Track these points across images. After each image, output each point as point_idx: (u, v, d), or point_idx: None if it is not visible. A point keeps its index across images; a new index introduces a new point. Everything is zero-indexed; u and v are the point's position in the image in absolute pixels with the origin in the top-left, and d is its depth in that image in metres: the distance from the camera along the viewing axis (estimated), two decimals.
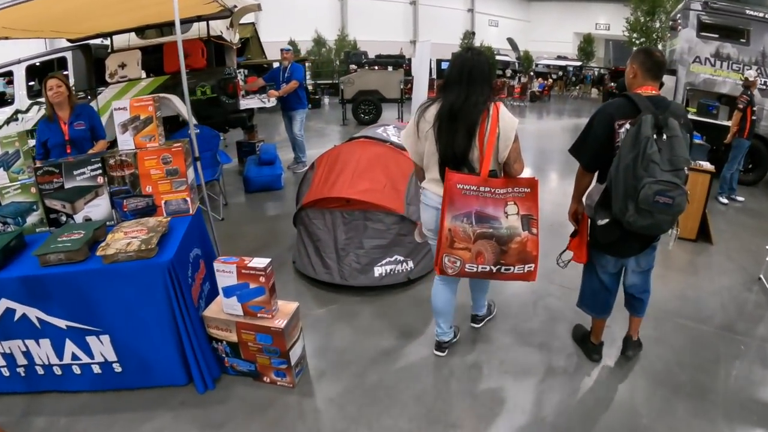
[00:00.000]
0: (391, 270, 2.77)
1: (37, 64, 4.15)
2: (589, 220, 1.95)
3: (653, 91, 1.77)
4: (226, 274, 1.97)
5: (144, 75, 4.46)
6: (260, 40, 8.42)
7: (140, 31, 4.42)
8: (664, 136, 1.61)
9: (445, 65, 17.53)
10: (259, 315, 2.00)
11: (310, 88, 14.92)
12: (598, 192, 1.82)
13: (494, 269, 1.85)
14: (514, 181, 1.84)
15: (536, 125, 11.22)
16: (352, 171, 2.85)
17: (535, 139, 9.21)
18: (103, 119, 4.22)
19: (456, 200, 1.81)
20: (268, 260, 1.94)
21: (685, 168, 1.62)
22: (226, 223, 4.04)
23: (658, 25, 13.88)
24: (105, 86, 4.20)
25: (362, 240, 2.75)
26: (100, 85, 4.19)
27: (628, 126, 1.69)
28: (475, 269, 1.85)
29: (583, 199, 1.97)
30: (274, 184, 5.02)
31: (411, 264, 2.82)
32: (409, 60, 12.61)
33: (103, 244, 1.91)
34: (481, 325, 2.47)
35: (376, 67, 10.69)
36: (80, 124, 2.83)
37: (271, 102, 4.99)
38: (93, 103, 4.19)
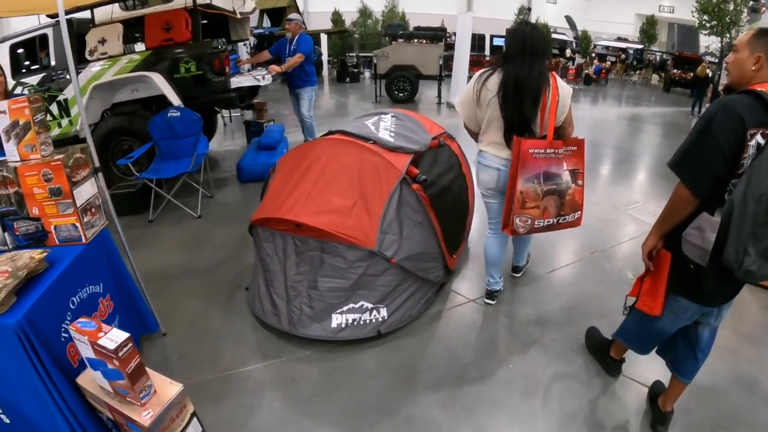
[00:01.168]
0: (354, 320, 2.11)
1: (19, 42, 3.84)
2: (670, 258, 1.50)
3: None
4: (83, 345, 1.46)
5: (128, 50, 4.03)
6: (299, 10, 7.77)
7: (124, 2, 3.96)
8: None
9: (498, 41, 16.10)
10: (127, 399, 1.48)
11: (354, 60, 14.28)
12: (713, 228, 1.34)
13: (555, 221, 2.13)
14: (567, 141, 2.06)
15: (589, 112, 9.75)
16: (313, 182, 2.18)
17: (588, 128, 7.82)
18: (83, 101, 3.89)
19: (528, 164, 1.98)
20: (124, 336, 1.37)
21: None
22: (200, 222, 3.60)
23: (732, 6, 12.42)
24: (86, 64, 3.83)
25: (317, 278, 2.11)
26: (82, 62, 3.83)
27: (760, 138, 1.27)
28: (542, 224, 2.11)
29: (686, 234, 1.43)
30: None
31: (384, 312, 2.15)
32: (453, 34, 11.44)
33: None
34: (521, 274, 2.77)
35: (414, 41, 9.66)
36: None
37: (267, 79, 4.39)
38: (72, 85, 3.84)
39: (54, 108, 3.89)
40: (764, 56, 1.33)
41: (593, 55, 17.24)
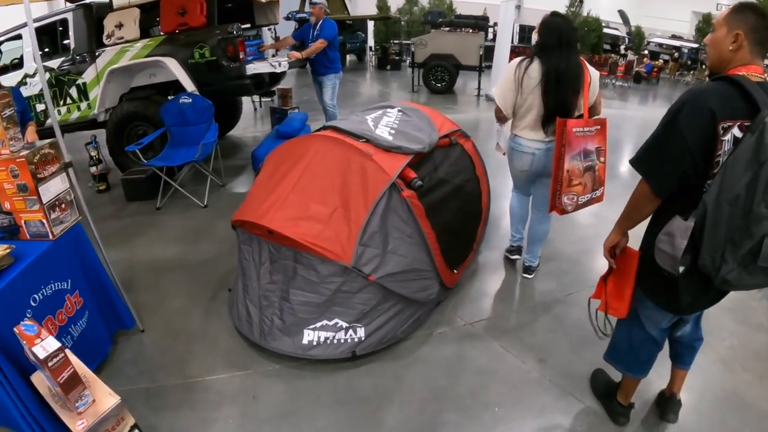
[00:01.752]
0: (327, 338, 1.94)
1: (41, 25, 3.96)
2: (639, 262, 1.40)
3: (762, 75, 1.16)
4: (25, 348, 1.42)
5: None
6: None
7: None
8: None
9: None
10: (66, 404, 1.44)
11: (395, 48, 14.05)
12: (684, 233, 1.22)
13: (589, 197, 2.24)
14: (595, 120, 2.17)
15: (638, 111, 8.84)
16: (293, 184, 2.01)
17: (635, 129, 7.09)
18: (99, 87, 3.97)
19: (572, 142, 2.08)
20: (55, 346, 1.31)
21: None
22: (206, 212, 3.58)
23: None
24: (103, 49, 3.88)
25: (289, 290, 1.96)
26: (100, 47, 3.89)
27: (737, 131, 1.13)
28: (584, 200, 2.22)
29: (658, 240, 1.31)
30: None
31: (361, 333, 1.96)
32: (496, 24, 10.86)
33: None
34: (533, 275, 2.68)
35: (456, 30, 9.20)
36: None
37: (283, 66, 4.26)
38: (92, 68, 3.93)
39: (73, 91, 4.01)
40: (743, 34, 1.17)
41: (645, 52, 16.01)
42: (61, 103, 4.06)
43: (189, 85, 3.89)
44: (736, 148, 1.10)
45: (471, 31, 8.98)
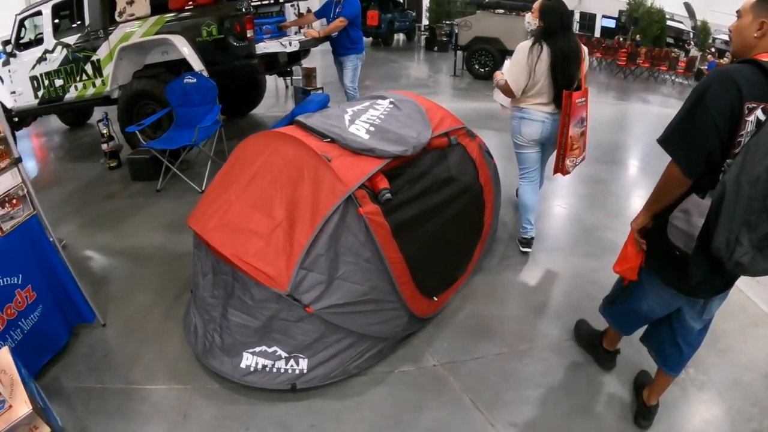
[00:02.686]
0: (265, 366, 1.78)
1: (59, 2, 4.10)
2: (652, 240, 1.45)
3: None
4: None
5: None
6: None
7: None
8: None
9: (607, 22, 14.74)
10: None
11: (447, 29, 13.51)
12: (701, 211, 1.23)
13: (581, 158, 2.64)
14: (585, 91, 2.50)
15: None
16: (240, 190, 1.85)
17: None
18: (111, 64, 4.09)
19: (574, 111, 2.42)
20: None
21: None
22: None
23: None
24: (115, 26, 3.97)
25: (227, 308, 1.81)
26: (113, 24, 3.98)
27: (760, 113, 1.15)
28: (578, 161, 2.63)
29: (672, 217, 1.33)
30: None
31: (303, 365, 1.77)
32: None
33: None
34: (532, 249, 2.80)
35: (504, 12, 8.54)
36: None
37: (293, 46, 4.11)
38: (105, 44, 4.04)
39: (89, 68, 4.15)
40: None
41: (713, 49, 14.27)
42: (78, 79, 4.24)
43: (197, 64, 3.87)
44: (759, 130, 1.13)
45: (520, 13, 8.34)
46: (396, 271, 1.80)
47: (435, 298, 2.11)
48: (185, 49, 3.80)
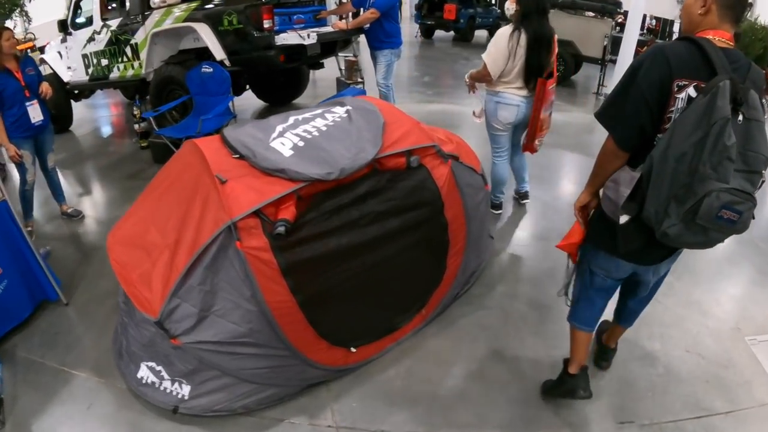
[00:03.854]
0: (154, 382, 1.80)
1: None
2: (593, 212, 1.61)
3: (729, 41, 1.26)
4: None
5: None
6: None
7: None
8: (740, 117, 1.16)
9: None
10: None
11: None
12: (629, 182, 1.34)
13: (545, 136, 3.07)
14: (555, 78, 2.87)
15: None
16: (152, 200, 1.91)
17: None
18: (146, 49, 4.45)
19: (547, 97, 2.79)
20: None
21: (764, 171, 1.21)
22: None
23: None
24: (150, 12, 4.31)
25: (129, 317, 1.89)
26: (148, 10, 4.32)
27: (692, 91, 1.22)
28: (543, 139, 3.06)
29: (605, 186, 1.48)
30: None
31: (185, 391, 1.76)
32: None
33: None
34: (528, 200, 3.42)
35: (578, 12, 7.72)
36: (30, 70, 3.04)
37: (311, 38, 4.11)
38: (142, 29, 4.41)
39: (128, 51, 4.58)
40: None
41: None
42: (120, 60, 4.71)
43: (219, 53, 4.06)
44: (688, 107, 1.20)
45: (596, 15, 7.51)
46: (282, 317, 1.67)
47: (353, 349, 1.94)
48: (208, 38, 4.00)
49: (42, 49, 6.08)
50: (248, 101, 6.34)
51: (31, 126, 2.97)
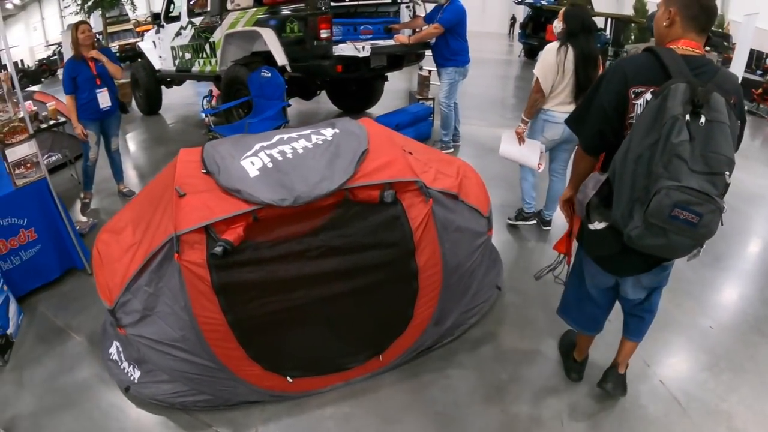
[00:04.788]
0: (117, 360, 2.07)
1: None
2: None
3: (695, 50, 1.39)
4: None
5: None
6: None
7: None
8: (702, 120, 1.23)
9: None
10: None
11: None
12: (595, 185, 1.51)
13: None
14: None
15: None
16: (142, 197, 2.22)
17: None
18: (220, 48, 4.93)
19: None
20: None
21: (727, 173, 1.25)
22: None
23: None
24: (227, 14, 4.77)
25: None
26: (225, 12, 4.79)
27: (648, 96, 1.34)
28: None
29: (577, 192, 1.63)
30: None
31: (136, 374, 1.98)
32: None
33: None
34: (551, 227, 3.44)
35: None
36: (101, 61, 3.53)
37: (366, 51, 4.16)
38: (219, 29, 4.90)
39: (207, 48, 5.12)
40: (675, 10, 1.40)
41: None
42: (200, 56, 5.29)
43: (281, 59, 4.37)
44: (642, 111, 1.33)
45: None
46: (209, 332, 1.77)
47: (289, 379, 1.98)
48: (272, 43, 4.32)
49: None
50: (324, 106, 6.70)
51: (98, 110, 3.48)
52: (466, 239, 2.19)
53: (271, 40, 4.37)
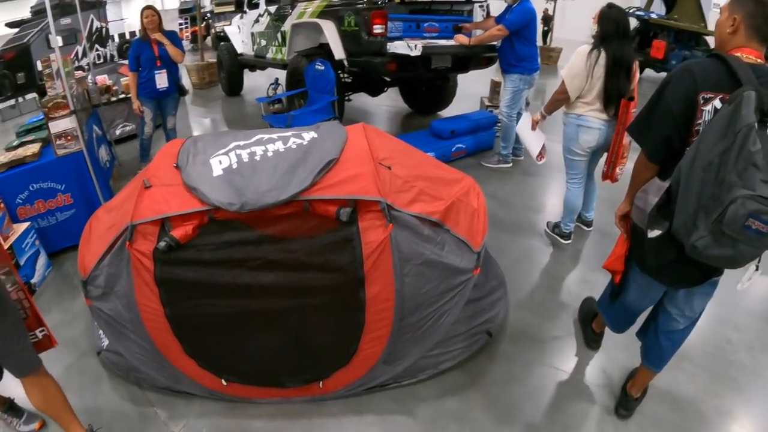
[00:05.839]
0: (96, 325, 2.43)
1: None
2: (633, 226, 1.73)
3: (758, 59, 1.43)
4: None
5: None
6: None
7: None
8: None
9: None
10: None
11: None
12: (657, 191, 1.54)
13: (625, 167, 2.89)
14: (635, 102, 2.73)
15: None
16: (125, 189, 2.38)
17: None
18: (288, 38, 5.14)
19: (629, 121, 2.59)
20: None
21: None
22: None
23: None
24: (296, 4, 4.94)
25: None
26: (295, 2, 4.96)
27: (718, 103, 1.40)
28: (623, 169, 2.94)
29: (635, 199, 1.69)
30: None
31: (105, 341, 2.24)
32: None
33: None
34: (592, 228, 3.51)
35: None
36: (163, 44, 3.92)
37: (417, 50, 4.01)
38: (289, 19, 5.10)
39: (279, 36, 5.38)
40: (740, 18, 1.43)
41: None
42: (273, 44, 5.58)
43: (338, 52, 4.45)
44: (713, 118, 1.33)
45: None
46: (149, 320, 1.92)
47: (224, 382, 2.06)
48: (331, 36, 4.40)
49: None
50: (395, 104, 6.69)
51: (155, 90, 3.87)
52: (438, 276, 2.01)
53: (331, 33, 4.46)
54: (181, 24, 13.77)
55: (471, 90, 6.50)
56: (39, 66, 5.97)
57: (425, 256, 1.96)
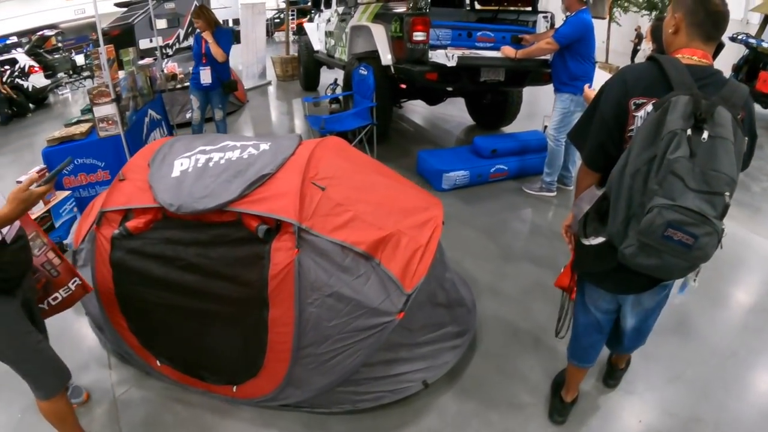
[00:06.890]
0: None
1: None
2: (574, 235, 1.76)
3: (702, 59, 1.42)
4: None
5: None
6: None
7: None
8: (705, 135, 1.24)
9: None
10: None
11: None
12: (590, 200, 1.56)
13: None
14: None
15: None
16: None
17: None
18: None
19: None
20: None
21: (727, 193, 1.26)
22: None
23: None
24: (356, 7, 5.08)
25: None
26: (357, 5, 5.10)
27: (649, 108, 1.36)
28: None
29: (572, 207, 1.74)
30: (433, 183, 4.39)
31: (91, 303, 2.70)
32: None
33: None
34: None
35: None
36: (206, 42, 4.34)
37: (453, 60, 3.82)
38: (351, 21, 5.24)
39: (344, 37, 5.60)
40: (680, 16, 1.40)
41: None
42: (339, 44, 5.80)
43: (385, 58, 4.51)
44: (642, 124, 1.35)
45: None
46: (103, 294, 2.28)
47: (158, 363, 2.37)
48: (380, 40, 4.48)
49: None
50: (459, 114, 6.52)
51: (199, 83, 4.28)
52: (350, 312, 1.99)
53: (379, 38, 4.53)
54: (291, 14, 14.78)
55: (545, 107, 6.06)
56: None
57: (334, 289, 1.97)
